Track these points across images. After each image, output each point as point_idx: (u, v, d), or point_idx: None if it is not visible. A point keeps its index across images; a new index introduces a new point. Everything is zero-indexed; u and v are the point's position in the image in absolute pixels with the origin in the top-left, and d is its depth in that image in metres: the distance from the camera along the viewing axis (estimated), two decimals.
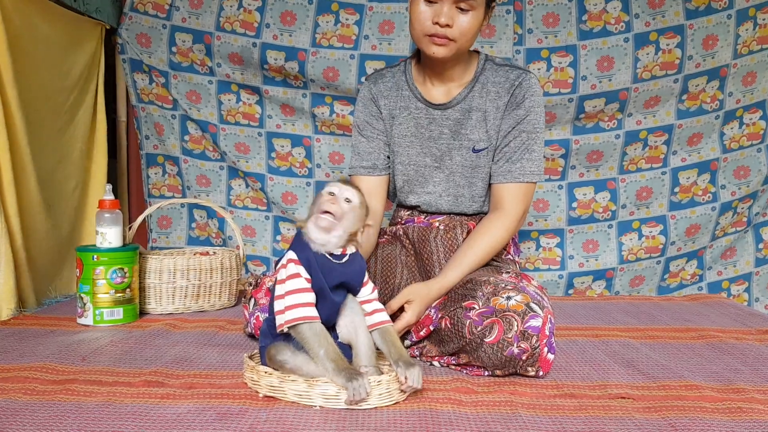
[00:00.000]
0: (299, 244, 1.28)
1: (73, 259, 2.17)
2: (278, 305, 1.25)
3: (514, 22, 2.39)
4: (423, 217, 1.76)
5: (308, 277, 1.25)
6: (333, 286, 1.28)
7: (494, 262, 1.68)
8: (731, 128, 2.41)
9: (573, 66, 2.37)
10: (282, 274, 1.26)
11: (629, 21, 2.35)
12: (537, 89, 1.66)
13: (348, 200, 1.28)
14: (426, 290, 1.53)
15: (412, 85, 1.72)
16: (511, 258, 1.76)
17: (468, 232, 1.69)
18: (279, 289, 1.26)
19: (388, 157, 1.76)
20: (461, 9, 1.54)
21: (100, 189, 2.32)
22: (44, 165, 2.06)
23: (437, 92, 1.70)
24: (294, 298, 1.23)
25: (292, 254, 1.26)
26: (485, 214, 1.71)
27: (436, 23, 1.54)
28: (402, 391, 1.25)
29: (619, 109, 2.40)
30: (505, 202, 1.65)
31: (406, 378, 1.23)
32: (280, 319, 1.24)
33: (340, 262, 1.29)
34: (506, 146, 1.65)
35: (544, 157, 2.41)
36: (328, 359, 1.19)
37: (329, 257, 1.28)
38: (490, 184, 1.70)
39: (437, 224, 1.73)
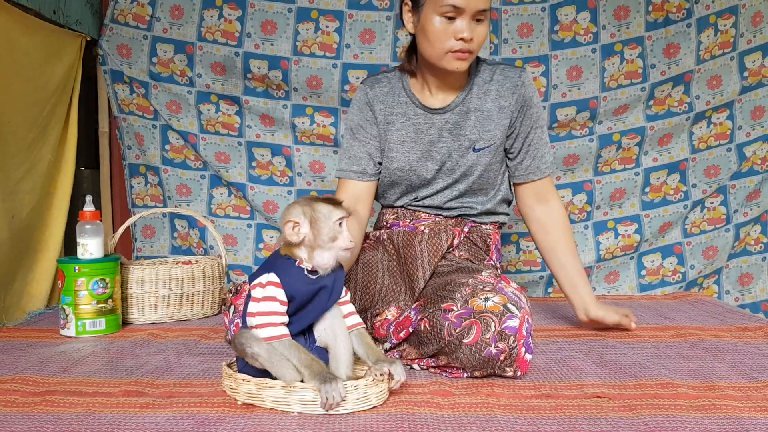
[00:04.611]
0: (283, 267, 1.26)
1: (29, 269, 2.14)
2: (250, 321, 1.26)
3: (491, 32, 2.43)
4: (408, 221, 1.77)
5: (284, 300, 1.24)
6: (312, 295, 1.28)
7: (473, 265, 1.69)
8: (700, 128, 2.47)
9: (545, 75, 2.45)
10: (258, 292, 1.25)
11: (597, 32, 2.43)
12: (533, 83, 1.74)
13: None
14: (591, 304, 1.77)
15: (409, 92, 1.73)
16: (493, 264, 1.78)
17: (453, 239, 1.70)
18: (252, 307, 1.25)
19: (380, 163, 1.77)
20: (477, 20, 1.56)
21: (65, 200, 2.29)
22: (11, 176, 2.03)
23: (435, 98, 1.72)
24: (265, 318, 1.23)
25: (273, 277, 1.25)
26: (488, 213, 1.77)
27: (461, 39, 1.55)
28: (390, 387, 1.28)
29: (590, 117, 2.46)
30: (549, 195, 1.79)
31: (391, 374, 1.26)
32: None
33: (318, 276, 1.28)
34: (529, 145, 1.73)
35: None
36: (302, 366, 1.21)
37: (308, 274, 1.27)
38: (495, 184, 1.77)
39: (422, 228, 1.74)
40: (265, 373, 1.24)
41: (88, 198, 1.88)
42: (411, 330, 1.51)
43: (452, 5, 1.53)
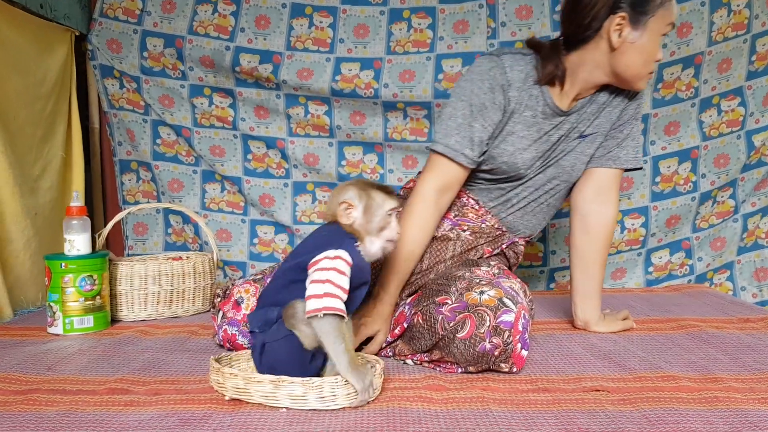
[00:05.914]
0: (353, 249, 1.24)
1: None
2: (315, 289, 1.18)
3: (488, 16, 2.37)
4: (453, 215, 1.68)
5: (348, 282, 1.22)
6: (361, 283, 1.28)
7: (472, 259, 1.65)
8: (710, 116, 2.39)
9: None
10: (327, 263, 1.20)
11: None
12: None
13: None
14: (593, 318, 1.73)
15: (544, 89, 1.58)
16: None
17: (465, 250, 1.64)
18: (320, 275, 1.19)
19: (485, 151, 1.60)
20: None
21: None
22: (29, 173, 2.04)
23: (570, 101, 1.61)
24: (335, 289, 1.18)
25: (346, 255, 1.21)
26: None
27: (657, 60, 1.53)
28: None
29: None
30: (610, 195, 1.69)
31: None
32: (315, 303, 1.17)
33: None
34: (620, 132, 1.66)
35: None
36: (343, 353, 1.17)
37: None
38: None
39: (465, 228, 1.67)
40: (297, 360, 1.21)
41: (75, 193, 1.84)
42: (406, 325, 1.47)
43: (672, 23, 1.51)
